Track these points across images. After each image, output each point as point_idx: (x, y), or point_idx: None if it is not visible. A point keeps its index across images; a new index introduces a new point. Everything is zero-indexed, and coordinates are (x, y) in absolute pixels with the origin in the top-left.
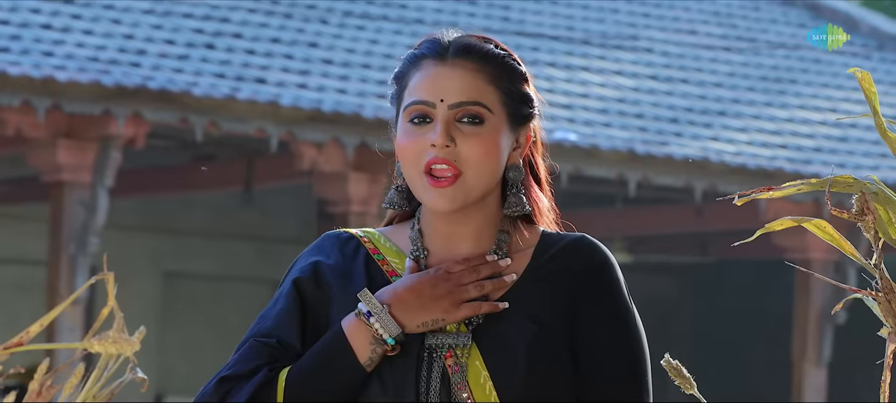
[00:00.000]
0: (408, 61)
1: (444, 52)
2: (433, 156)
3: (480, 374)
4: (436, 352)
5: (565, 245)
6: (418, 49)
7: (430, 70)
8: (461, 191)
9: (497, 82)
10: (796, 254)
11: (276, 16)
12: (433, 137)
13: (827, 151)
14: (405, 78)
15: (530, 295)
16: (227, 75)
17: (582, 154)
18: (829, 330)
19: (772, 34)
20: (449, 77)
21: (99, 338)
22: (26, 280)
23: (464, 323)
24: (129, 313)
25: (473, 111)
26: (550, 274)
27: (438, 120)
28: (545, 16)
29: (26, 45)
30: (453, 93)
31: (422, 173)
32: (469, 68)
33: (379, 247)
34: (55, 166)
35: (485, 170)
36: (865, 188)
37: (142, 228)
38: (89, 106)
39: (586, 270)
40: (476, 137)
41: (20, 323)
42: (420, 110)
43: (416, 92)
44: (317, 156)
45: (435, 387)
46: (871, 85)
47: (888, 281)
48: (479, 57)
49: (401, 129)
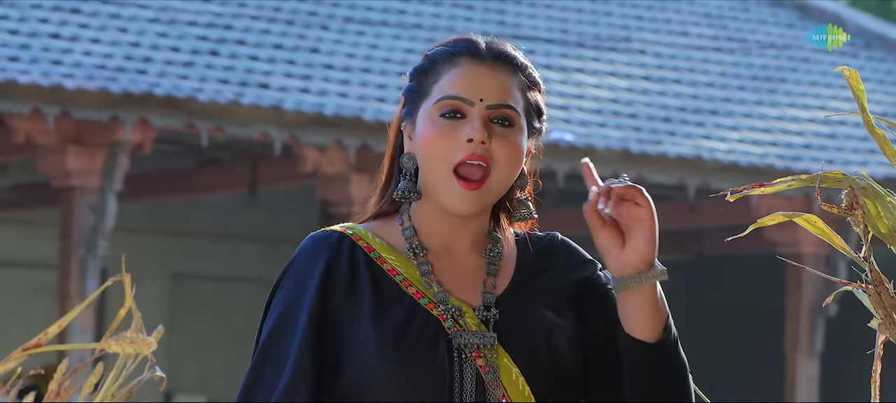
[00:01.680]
0: (438, 57)
1: (482, 52)
2: (469, 152)
3: (512, 371)
4: (464, 353)
5: (545, 244)
6: (451, 46)
7: (468, 68)
8: (486, 195)
9: (524, 91)
10: (788, 249)
11: (279, 22)
12: (470, 132)
13: (816, 148)
14: (432, 73)
15: (531, 292)
16: (232, 81)
17: (578, 154)
18: (821, 323)
19: (761, 35)
20: (488, 77)
21: (116, 339)
22: (38, 282)
23: (481, 321)
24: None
25: (508, 114)
26: (541, 270)
27: (476, 117)
28: (540, 19)
29: (35, 53)
30: (492, 94)
31: (450, 171)
32: (506, 71)
33: (372, 245)
34: (65, 171)
35: (510, 172)
36: (854, 183)
37: (150, 231)
38: (97, 112)
39: (577, 267)
40: (507, 139)
41: (32, 324)
42: (455, 105)
43: (451, 87)
44: (319, 159)
45: (469, 388)
46: (858, 83)
47: (878, 274)
48: (514, 64)
49: (427, 121)
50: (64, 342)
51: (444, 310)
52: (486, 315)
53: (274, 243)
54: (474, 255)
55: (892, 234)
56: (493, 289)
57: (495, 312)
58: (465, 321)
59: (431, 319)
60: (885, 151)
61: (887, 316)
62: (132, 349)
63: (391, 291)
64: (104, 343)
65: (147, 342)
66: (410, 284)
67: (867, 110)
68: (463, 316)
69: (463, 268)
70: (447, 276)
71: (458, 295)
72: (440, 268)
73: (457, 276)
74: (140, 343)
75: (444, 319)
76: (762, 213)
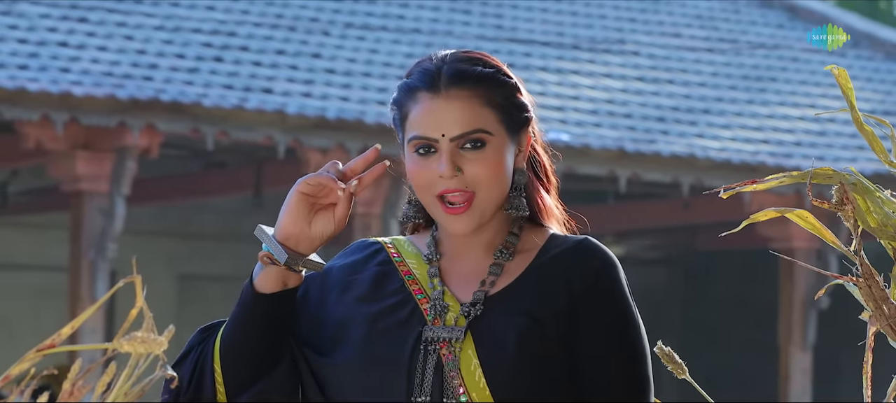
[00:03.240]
0: (403, 91)
1: (437, 83)
2: (444, 186)
3: (472, 363)
4: (431, 345)
5: (567, 247)
6: (411, 78)
7: (426, 103)
8: (476, 213)
9: (491, 102)
10: (780, 244)
11: (281, 29)
12: (441, 169)
13: (807, 145)
14: (403, 107)
15: (526, 291)
16: (236, 86)
17: (574, 153)
18: (813, 315)
19: (751, 35)
20: (445, 109)
21: (127, 339)
22: (49, 285)
23: (462, 315)
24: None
25: (474, 138)
26: (549, 272)
27: (442, 151)
28: (536, 23)
29: (44, 62)
30: (453, 126)
31: (435, 199)
32: (463, 97)
33: (401, 251)
34: (74, 176)
35: (494, 187)
36: (844, 179)
37: (157, 233)
38: (105, 118)
39: (585, 273)
40: (481, 161)
41: (43, 326)
42: (423, 143)
43: (416, 126)
44: (322, 161)
45: (429, 377)
46: (847, 81)
47: (868, 267)
48: (470, 82)
49: (408, 158)
50: (75, 343)
51: (430, 306)
52: (470, 310)
53: None
54: (487, 257)
55: (881, 228)
56: (490, 287)
57: (479, 308)
58: (446, 316)
59: (416, 313)
60: (874, 147)
61: (877, 309)
62: (143, 348)
63: (394, 285)
64: (116, 343)
65: (158, 341)
66: (415, 282)
67: (856, 108)
68: (447, 311)
69: (472, 270)
70: (455, 277)
71: (457, 293)
72: (450, 271)
73: (463, 277)
74: (151, 343)
75: (428, 314)
76: (755, 209)
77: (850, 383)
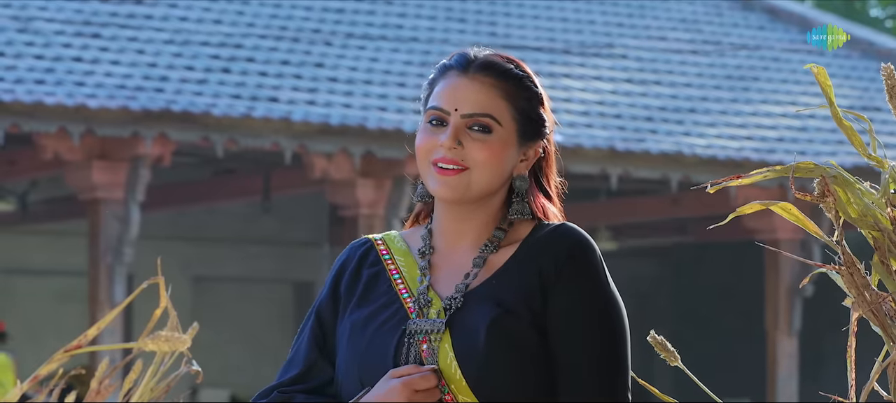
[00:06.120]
0: (439, 70)
1: (469, 65)
2: (442, 155)
3: (448, 355)
4: (413, 339)
5: (546, 232)
6: (449, 59)
7: (453, 80)
8: (464, 182)
9: (511, 98)
10: (765, 235)
11: (285, 40)
12: (443, 139)
13: (789, 141)
14: (434, 85)
15: (503, 283)
16: (243, 96)
17: (567, 153)
18: (798, 303)
19: (734, 37)
20: (467, 88)
21: (152, 338)
22: (69, 289)
23: (443, 309)
24: (164, 315)
25: (483, 122)
26: (527, 260)
27: (451, 125)
28: (528, 30)
29: (60, 76)
30: (467, 105)
31: (431, 165)
32: (487, 83)
33: (391, 249)
34: (91, 185)
35: (487, 170)
36: (825, 172)
37: (171, 238)
38: (119, 129)
39: (557, 255)
40: (482, 143)
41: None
42: (437, 115)
43: (437, 98)
44: (327, 166)
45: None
46: (826, 79)
47: (849, 256)
48: (497, 73)
49: (420, 128)
50: (95, 344)
51: (413, 302)
52: (450, 303)
53: (288, 246)
54: (475, 252)
55: (861, 218)
56: (472, 280)
57: (459, 301)
58: (428, 311)
59: (401, 310)
60: (853, 141)
61: (859, 295)
62: (168, 347)
63: (383, 286)
64: (141, 342)
65: (182, 339)
66: (403, 281)
67: (835, 104)
68: (430, 306)
69: (459, 264)
70: (442, 272)
71: (442, 288)
72: (440, 265)
73: (450, 272)
74: (175, 341)
75: (412, 310)
76: (740, 203)
77: (834, 366)
